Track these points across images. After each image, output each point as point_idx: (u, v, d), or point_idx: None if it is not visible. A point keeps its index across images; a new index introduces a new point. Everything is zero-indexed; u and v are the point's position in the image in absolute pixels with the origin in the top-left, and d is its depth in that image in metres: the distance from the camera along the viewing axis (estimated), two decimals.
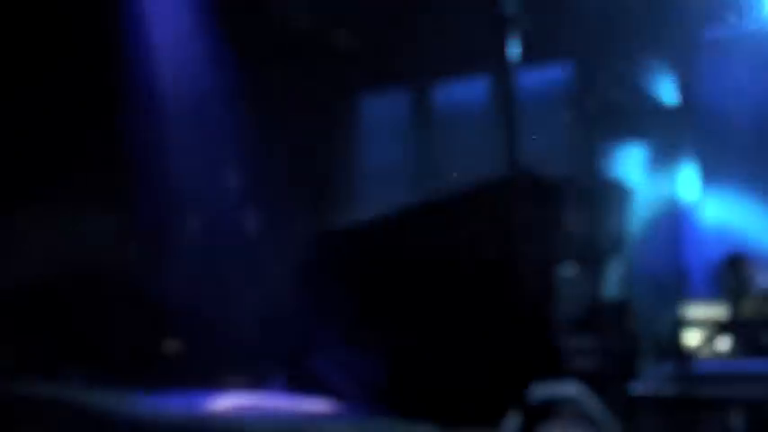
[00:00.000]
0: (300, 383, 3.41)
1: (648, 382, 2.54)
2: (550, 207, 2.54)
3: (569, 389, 2.45)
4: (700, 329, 3.68)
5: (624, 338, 3.91)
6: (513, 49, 4.14)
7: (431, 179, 5.12)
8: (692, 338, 4.97)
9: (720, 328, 3.29)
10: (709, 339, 3.37)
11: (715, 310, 5.24)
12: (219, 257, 3.90)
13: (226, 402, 2.56)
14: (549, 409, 2.50)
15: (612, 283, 4.40)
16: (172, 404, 2.43)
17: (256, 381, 3.44)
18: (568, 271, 3.77)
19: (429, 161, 5.94)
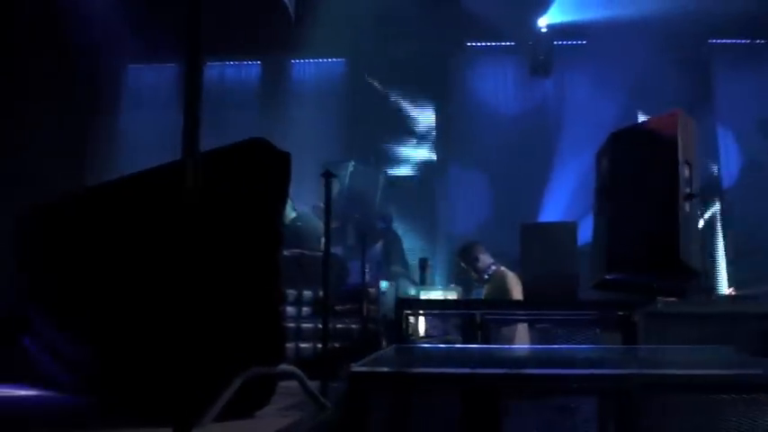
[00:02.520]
0: (11, 364, 3.23)
1: (371, 360, 2.53)
2: (282, 179, 2.41)
3: (288, 368, 2.36)
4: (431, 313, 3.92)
5: (362, 320, 3.98)
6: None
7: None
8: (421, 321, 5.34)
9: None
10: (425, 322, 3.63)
11: (449, 293, 5.73)
12: None
13: None
14: (269, 388, 2.39)
15: (351, 267, 4.49)
16: None
17: None
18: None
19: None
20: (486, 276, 5.33)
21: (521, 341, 3.51)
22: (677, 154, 2.70)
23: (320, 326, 3.37)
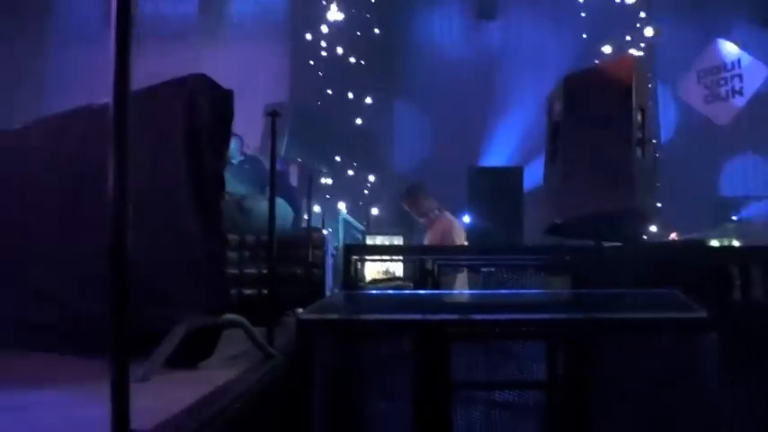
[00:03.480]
0: None
1: (319, 306, 2.46)
2: (224, 118, 2.26)
3: (234, 318, 2.27)
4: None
5: (306, 267, 3.90)
6: None
7: None
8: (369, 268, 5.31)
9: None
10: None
11: (395, 239, 5.70)
12: None
13: None
14: (213, 338, 2.30)
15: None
16: None
17: None
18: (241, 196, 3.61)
19: None
20: (430, 221, 5.25)
21: (461, 288, 3.51)
22: (632, 99, 2.67)
23: (264, 271, 3.27)
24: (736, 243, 6.39)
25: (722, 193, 9.60)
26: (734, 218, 8.82)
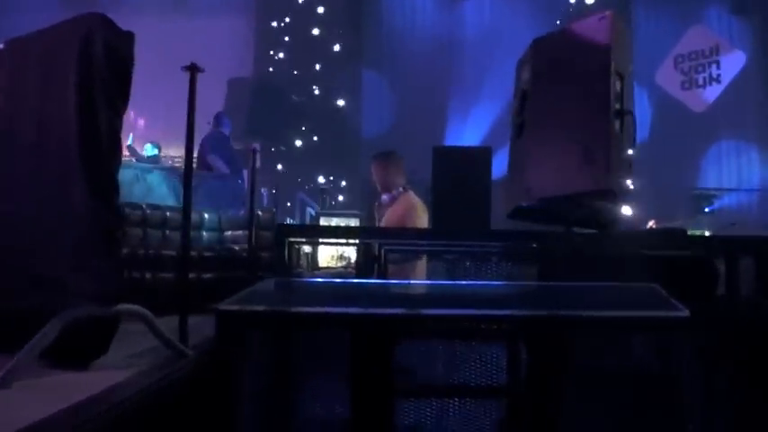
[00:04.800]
0: None
1: (244, 296, 2.09)
2: (123, 64, 1.87)
3: (130, 308, 1.89)
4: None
5: (249, 249, 3.52)
6: None
7: None
8: (324, 252, 4.92)
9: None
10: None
11: (351, 221, 5.32)
12: None
13: None
14: (106, 332, 1.93)
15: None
16: None
17: None
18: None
19: None
20: (392, 197, 4.80)
21: (419, 277, 3.13)
22: (609, 63, 2.32)
23: (196, 253, 2.89)
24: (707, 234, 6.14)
25: (696, 184, 9.40)
26: (707, 209, 8.63)
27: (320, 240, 2.85)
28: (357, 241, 2.41)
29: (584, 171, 2.26)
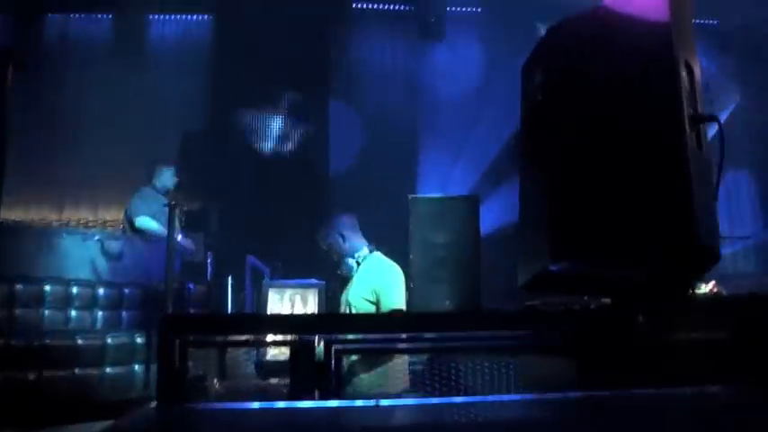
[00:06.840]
0: None
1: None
2: None
3: None
4: None
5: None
6: None
7: None
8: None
9: None
10: None
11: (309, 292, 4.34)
12: None
13: None
14: None
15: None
16: None
17: None
18: None
19: None
20: (354, 263, 3.92)
21: (396, 385, 2.16)
22: (672, 48, 1.49)
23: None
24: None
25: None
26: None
27: (228, 339, 1.83)
28: (291, 337, 1.47)
29: (652, 216, 1.40)
